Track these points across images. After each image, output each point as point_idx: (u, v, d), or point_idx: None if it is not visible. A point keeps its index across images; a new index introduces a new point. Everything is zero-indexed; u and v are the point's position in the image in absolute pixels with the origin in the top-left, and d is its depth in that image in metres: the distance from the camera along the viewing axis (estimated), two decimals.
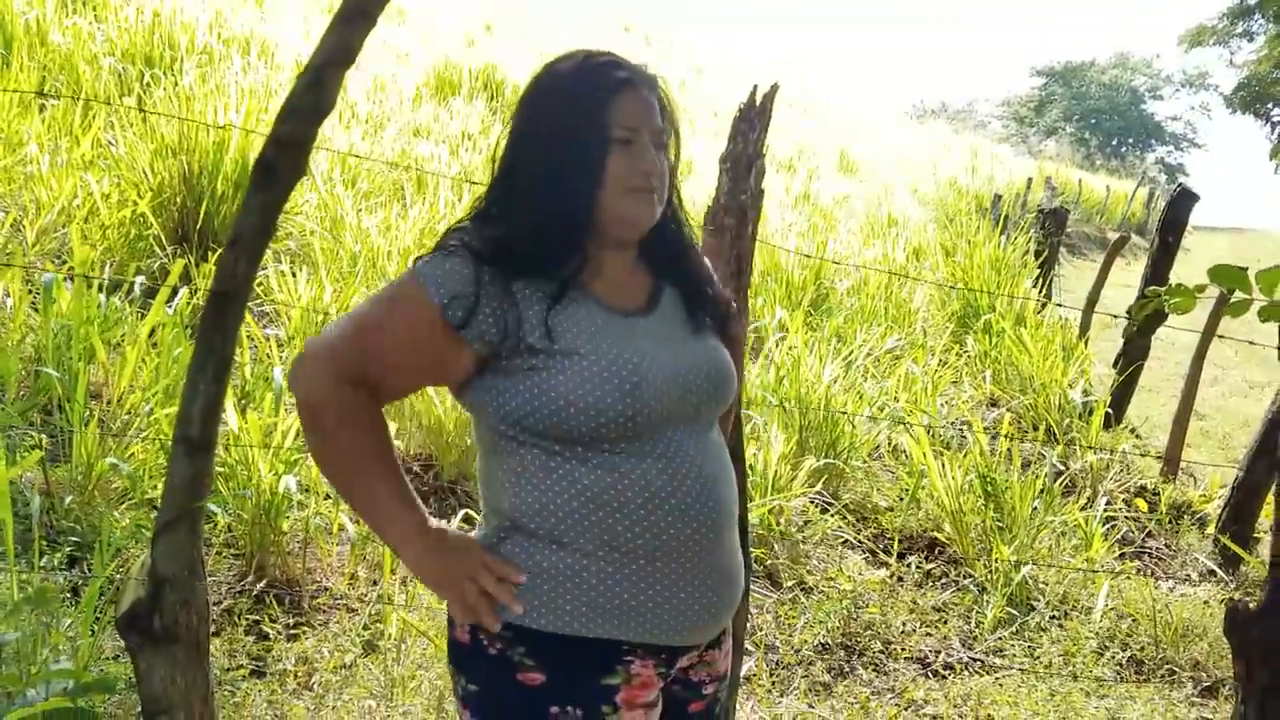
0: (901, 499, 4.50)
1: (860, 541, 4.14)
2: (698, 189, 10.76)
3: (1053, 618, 3.69)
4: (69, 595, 2.53)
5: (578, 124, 1.34)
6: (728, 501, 1.43)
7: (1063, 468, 5.09)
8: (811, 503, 4.19)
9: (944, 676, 3.30)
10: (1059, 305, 7.51)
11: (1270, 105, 25.51)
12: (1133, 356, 6.46)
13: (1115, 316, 6.28)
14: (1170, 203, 6.70)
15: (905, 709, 3.11)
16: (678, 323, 1.47)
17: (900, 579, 3.89)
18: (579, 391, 1.31)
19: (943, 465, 4.32)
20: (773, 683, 3.11)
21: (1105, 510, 4.49)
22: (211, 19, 8.91)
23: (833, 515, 4.17)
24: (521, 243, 1.35)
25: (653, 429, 1.35)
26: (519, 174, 1.40)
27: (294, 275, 4.65)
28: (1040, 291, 8.39)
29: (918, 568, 3.97)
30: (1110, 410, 6.06)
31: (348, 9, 1.90)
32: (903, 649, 3.39)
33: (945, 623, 3.61)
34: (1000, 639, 3.53)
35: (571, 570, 1.34)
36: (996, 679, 3.29)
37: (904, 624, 3.53)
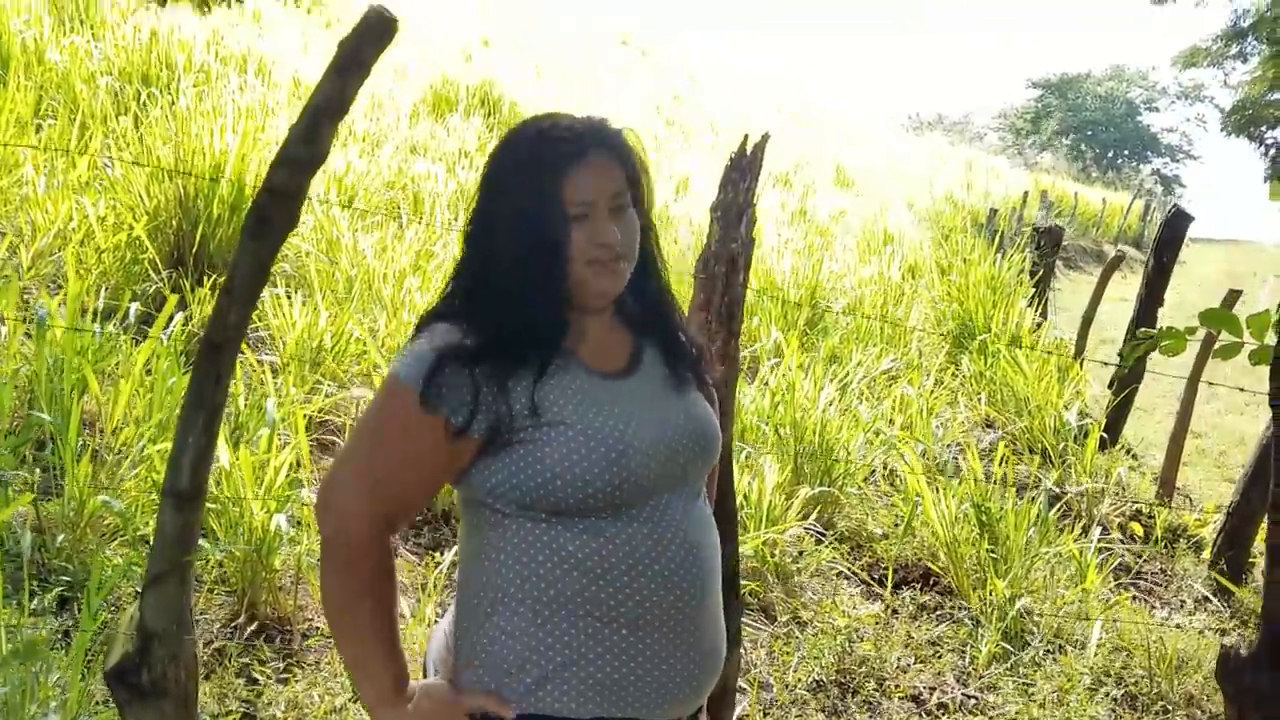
0: (896, 525, 4.50)
1: (854, 572, 4.13)
2: (694, 205, 10.80)
3: (1047, 652, 3.69)
4: (60, 637, 2.52)
5: (535, 207, 1.36)
6: (711, 567, 1.44)
7: (1059, 492, 5.09)
8: (806, 532, 4.19)
9: (938, 716, 3.29)
10: (1056, 332, 7.52)
11: (1264, 128, 25.55)
12: (1128, 377, 6.47)
13: (1106, 364, 6.31)
14: (1165, 222, 6.72)
15: None
16: (659, 381, 1.47)
17: (895, 611, 3.88)
18: (565, 463, 1.31)
19: (937, 493, 4.32)
20: None
21: (1100, 540, 4.49)
22: (209, 36, 8.92)
23: (827, 545, 4.17)
24: (504, 326, 1.35)
25: (640, 495, 1.36)
26: (490, 257, 1.41)
27: (289, 299, 4.64)
28: (1036, 311, 8.40)
29: (912, 600, 3.96)
30: (1105, 433, 6.06)
31: (342, 59, 1.90)
32: (897, 686, 3.38)
33: (940, 657, 3.60)
34: (995, 674, 3.53)
35: (554, 649, 1.33)
36: (991, 719, 3.28)
37: (898, 659, 3.52)
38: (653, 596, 1.35)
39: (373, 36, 1.90)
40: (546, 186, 1.36)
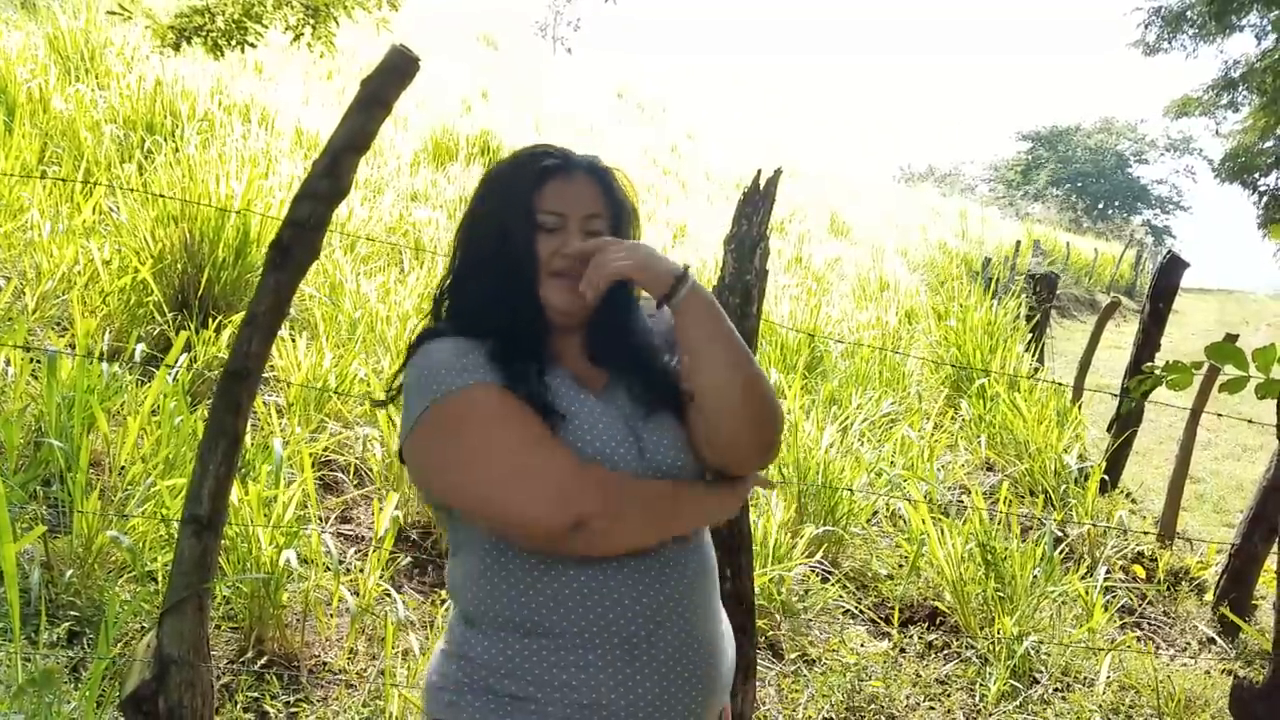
0: (901, 566, 4.49)
1: (861, 611, 4.12)
2: (690, 250, 10.88)
3: (1056, 690, 3.67)
4: (69, 672, 2.51)
5: (508, 212, 1.40)
6: (665, 612, 1.36)
7: (1062, 535, 5.08)
8: (812, 571, 4.18)
9: None
10: (1052, 377, 7.55)
11: (1257, 175, 25.79)
12: (1126, 421, 6.48)
13: (1112, 395, 6.33)
14: (1160, 269, 6.77)
15: None
16: (623, 408, 1.42)
17: (902, 650, 3.87)
18: None
19: (942, 532, 4.32)
20: None
21: (1105, 580, 4.48)
22: (212, 85, 9.03)
23: (833, 584, 4.16)
24: (490, 332, 1.38)
25: None
26: (466, 263, 1.46)
27: (294, 341, 4.67)
28: (1032, 356, 8.44)
29: (920, 638, 3.94)
30: (1105, 476, 6.06)
31: (365, 97, 1.95)
32: None
33: (949, 695, 3.58)
34: (1005, 712, 3.51)
35: (488, 653, 1.34)
36: None
37: (908, 697, 3.50)
38: (580, 621, 1.33)
39: (396, 75, 1.95)
40: (522, 193, 1.40)
